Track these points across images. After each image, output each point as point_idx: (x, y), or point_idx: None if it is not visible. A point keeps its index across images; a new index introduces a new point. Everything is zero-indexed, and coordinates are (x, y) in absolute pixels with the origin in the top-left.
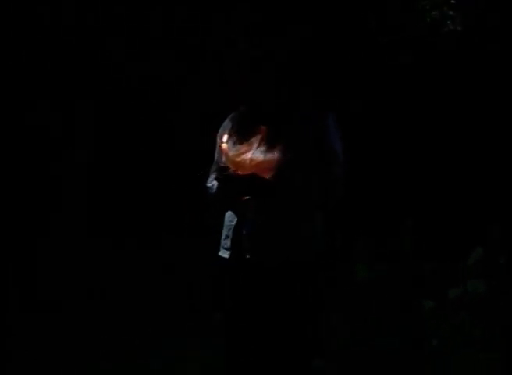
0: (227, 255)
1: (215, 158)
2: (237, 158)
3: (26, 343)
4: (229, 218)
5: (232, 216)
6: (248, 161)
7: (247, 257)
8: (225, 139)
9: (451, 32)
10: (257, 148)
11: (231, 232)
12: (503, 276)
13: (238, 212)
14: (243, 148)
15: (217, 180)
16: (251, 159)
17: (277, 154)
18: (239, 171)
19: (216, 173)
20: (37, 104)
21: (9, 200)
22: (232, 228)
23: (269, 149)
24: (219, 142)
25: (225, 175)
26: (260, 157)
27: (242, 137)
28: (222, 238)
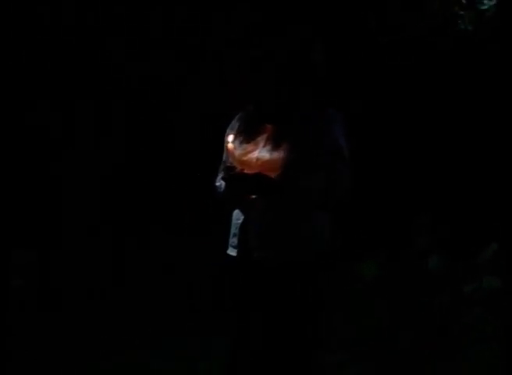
0: (234, 253)
1: (223, 157)
2: (244, 157)
3: (26, 343)
4: (236, 216)
5: (239, 214)
6: (254, 160)
7: (254, 255)
8: (230, 139)
9: (461, 32)
10: (263, 147)
11: (238, 230)
12: None
13: (245, 211)
14: (249, 148)
15: (223, 180)
16: (257, 158)
17: (283, 153)
18: (245, 170)
19: (223, 173)
20: (37, 104)
21: (9, 200)
22: (238, 226)
23: (275, 148)
24: (226, 142)
25: (231, 174)
26: (266, 156)
27: (248, 137)
28: (230, 236)
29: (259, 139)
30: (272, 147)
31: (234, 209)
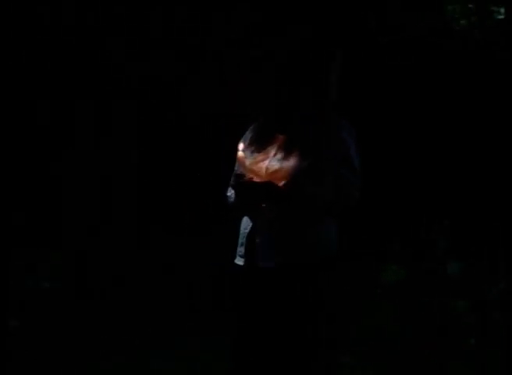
0: (241, 263)
1: (235, 168)
2: (254, 166)
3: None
4: (244, 225)
5: (246, 224)
6: (264, 169)
7: (260, 264)
8: (241, 147)
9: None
10: (273, 157)
11: (245, 239)
12: None
13: (252, 219)
14: (259, 157)
15: (232, 187)
16: (267, 167)
17: (292, 162)
18: (255, 179)
19: (232, 180)
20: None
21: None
22: (246, 235)
23: (285, 158)
24: (237, 150)
25: (240, 181)
26: (276, 165)
27: (260, 146)
28: (238, 246)
29: (270, 149)
30: (282, 156)
31: (242, 218)
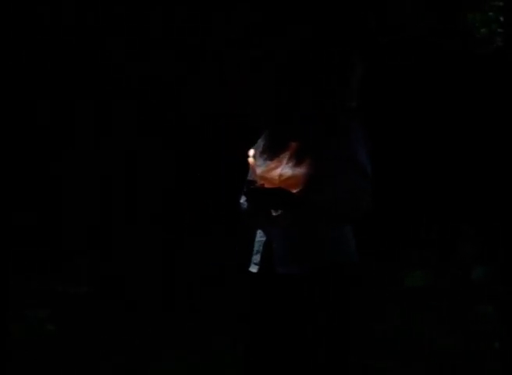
0: (255, 270)
1: (248, 175)
2: (267, 173)
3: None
4: (260, 233)
5: (262, 232)
6: (277, 176)
7: (278, 271)
8: (251, 153)
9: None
10: (286, 164)
11: (261, 247)
12: None
13: (267, 228)
14: (272, 164)
15: (244, 194)
16: (280, 175)
17: (305, 169)
18: (267, 185)
19: (245, 187)
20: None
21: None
22: (262, 244)
23: (298, 165)
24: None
25: (251, 188)
26: (288, 172)
27: (272, 154)
28: (253, 254)
29: (282, 156)
30: (295, 163)
31: (257, 228)
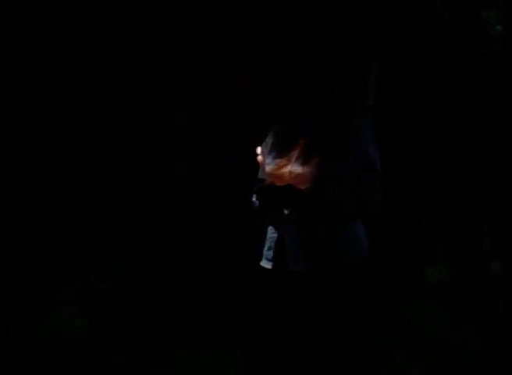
0: (270, 266)
1: (259, 173)
2: (277, 171)
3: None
4: (272, 230)
5: (274, 228)
6: (287, 173)
7: (291, 268)
8: (259, 151)
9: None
10: (295, 162)
11: (273, 244)
12: None
13: (279, 226)
14: (282, 162)
15: (255, 192)
16: (290, 172)
17: (314, 166)
18: (277, 183)
19: (255, 186)
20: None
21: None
22: (275, 240)
23: (307, 162)
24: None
25: (261, 186)
26: (298, 169)
27: (282, 152)
28: (265, 249)
29: (292, 154)
30: (305, 161)
31: (268, 226)
